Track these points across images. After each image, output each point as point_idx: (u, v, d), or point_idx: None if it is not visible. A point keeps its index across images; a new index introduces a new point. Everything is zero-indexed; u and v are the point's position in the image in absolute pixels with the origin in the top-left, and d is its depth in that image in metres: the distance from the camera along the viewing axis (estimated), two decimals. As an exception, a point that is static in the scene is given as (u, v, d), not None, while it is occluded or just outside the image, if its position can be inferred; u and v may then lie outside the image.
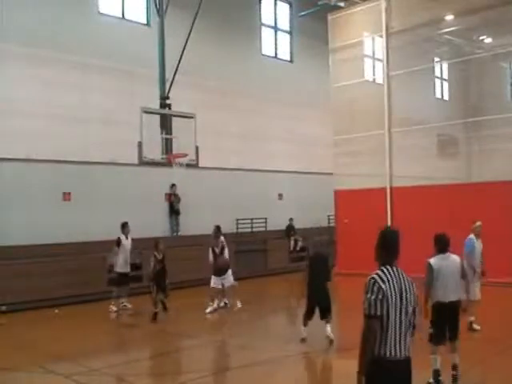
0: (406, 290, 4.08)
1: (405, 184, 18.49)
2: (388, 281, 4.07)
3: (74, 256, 15.39)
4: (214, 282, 13.24)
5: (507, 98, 25.07)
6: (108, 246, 16.28)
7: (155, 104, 15.53)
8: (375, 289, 4.04)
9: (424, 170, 18.61)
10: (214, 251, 13.48)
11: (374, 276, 4.09)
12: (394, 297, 4.03)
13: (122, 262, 13.78)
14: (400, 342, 4.01)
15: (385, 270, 4.13)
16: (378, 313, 4.01)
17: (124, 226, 13.97)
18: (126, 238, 13.93)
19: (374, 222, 18.92)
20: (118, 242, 13.77)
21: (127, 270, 13.99)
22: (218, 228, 13.86)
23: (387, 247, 4.21)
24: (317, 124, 22.93)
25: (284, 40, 24.16)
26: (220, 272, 13.22)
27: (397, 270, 4.15)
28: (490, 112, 19.30)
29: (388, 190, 19.06)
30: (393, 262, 4.18)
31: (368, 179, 19.37)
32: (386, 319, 4.00)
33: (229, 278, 13.41)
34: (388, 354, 3.99)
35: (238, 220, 20.17)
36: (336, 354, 9.57)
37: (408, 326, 4.06)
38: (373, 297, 4.02)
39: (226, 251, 13.76)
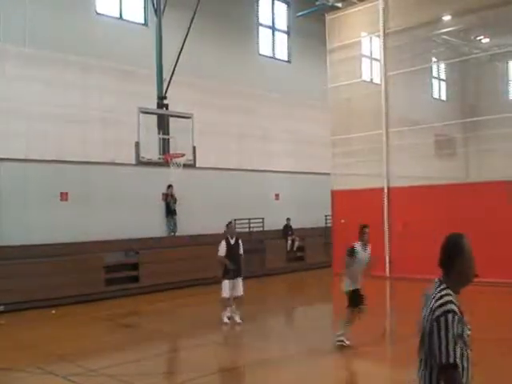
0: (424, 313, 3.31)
1: (402, 184, 18.51)
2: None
3: (72, 256, 15.38)
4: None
5: (504, 97, 25.10)
6: (106, 247, 16.36)
7: (153, 104, 15.49)
8: None
9: (422, 170, 18.64)
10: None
11: None
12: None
13: (353, 278, 9.90)
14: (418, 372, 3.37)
15: None
16: None
17: (363, 231, 10.00)
18: (365, 249, 9.97)
19: (372, 222, 18.92)
20: (352, 252, 9.92)
21: (358, 286, 10.00)
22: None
23: None
24: (315, 124, 22.94)
25: (282, 40, 24.16)
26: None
27: (435, 286, 3.37)
28: (487, 112, 19.37)
29: (386, 190, 19.08)
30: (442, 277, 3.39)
31: (365, 179, 19.40)
32: None
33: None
34: None
35: (235, 220, 20.12)
36: (339, 354, 9.55)
37: (422, 357, 3.30)
38: None
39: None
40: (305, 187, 23.07)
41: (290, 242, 21.78)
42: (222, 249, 12.01)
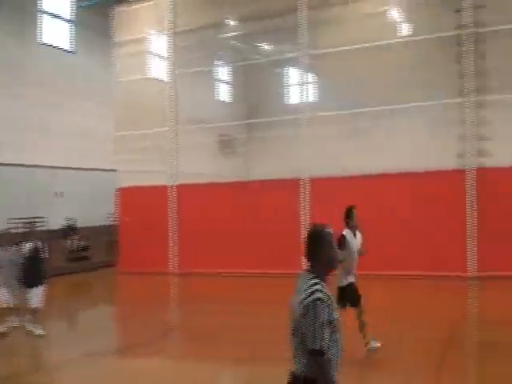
0: (294, 301, 3.60)
1: (190, 181, 18.76)
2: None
3: None
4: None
5: (283, 101, 26.81)
6: None
7: None
8: None
9: (209, 168, 19.14)
10: None
11: None
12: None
13: (345, 271, 8.44)
14: (293, 355, 3.60)
15: None
16: None
17: (351, 213, 8.56)
18: (355, 234, 8.60)
19: (158, 220, 19.03)
20: (343, 245, 8.24)
21: (353, 279, 8.59)
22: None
23: None
24: (103, 119, 22.06)
25: (66, 30, 23.04)
26: None
27: (301, 277, 3.66)
28: (267, 114, 20.44)
29: (172, 188, 19.20)
30: (309, 267, 3.69)
31: (152, 176, 19.30)
32: None
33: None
34: None
35: (9, 219, 18.48)
36: (121, 355, 9.36)
37: (297, 342, 3.54)
38: None
39: None
40: (90, 184, 22.24)
41: (71, 241, 20.93)
42: (25, 251, 10.56)
